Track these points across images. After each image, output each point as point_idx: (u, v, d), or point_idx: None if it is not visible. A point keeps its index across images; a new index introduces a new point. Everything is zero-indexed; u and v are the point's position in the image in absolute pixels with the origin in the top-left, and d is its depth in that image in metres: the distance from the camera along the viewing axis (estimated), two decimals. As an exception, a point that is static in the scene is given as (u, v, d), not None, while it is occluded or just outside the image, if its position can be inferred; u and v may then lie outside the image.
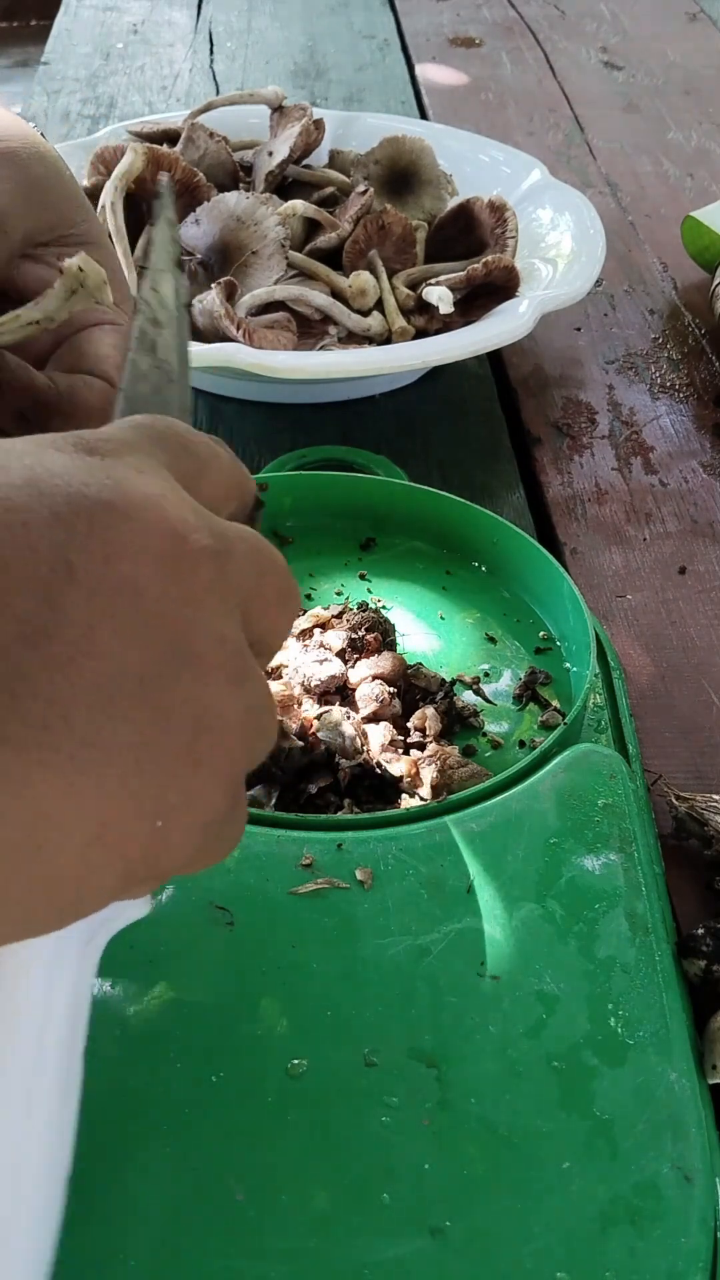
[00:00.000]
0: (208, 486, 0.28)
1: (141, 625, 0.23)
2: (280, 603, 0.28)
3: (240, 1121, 0.35)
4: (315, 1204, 0.34)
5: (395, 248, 0.76)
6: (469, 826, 0.43)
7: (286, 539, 0.61)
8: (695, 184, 1.09)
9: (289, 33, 1.39)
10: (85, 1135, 0.35)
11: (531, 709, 0.52)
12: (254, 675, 0.26)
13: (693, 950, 0.42)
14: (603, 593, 0.63)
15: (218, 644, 0.25)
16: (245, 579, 0.26)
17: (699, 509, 0.70)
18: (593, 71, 1.32)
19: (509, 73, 1.31)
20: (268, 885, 0.41)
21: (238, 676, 0.25)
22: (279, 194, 0.79)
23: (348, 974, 0.39)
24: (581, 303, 0.76)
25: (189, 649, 0.24)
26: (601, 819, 0.44)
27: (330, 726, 0.46)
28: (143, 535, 0.24)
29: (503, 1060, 0.37)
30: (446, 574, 0.59)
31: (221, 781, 0.25)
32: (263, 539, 0.28)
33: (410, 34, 1.40)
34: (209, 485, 0.28)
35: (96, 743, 0.22)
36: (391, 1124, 0.35)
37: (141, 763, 0.23)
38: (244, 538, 0.27)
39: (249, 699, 0.26)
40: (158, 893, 0.41)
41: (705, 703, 0.57)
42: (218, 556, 0.25)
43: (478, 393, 0.79)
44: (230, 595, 0.26)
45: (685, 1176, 0.35)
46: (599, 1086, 0.37)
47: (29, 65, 1.94)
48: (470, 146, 0.90)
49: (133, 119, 0.91)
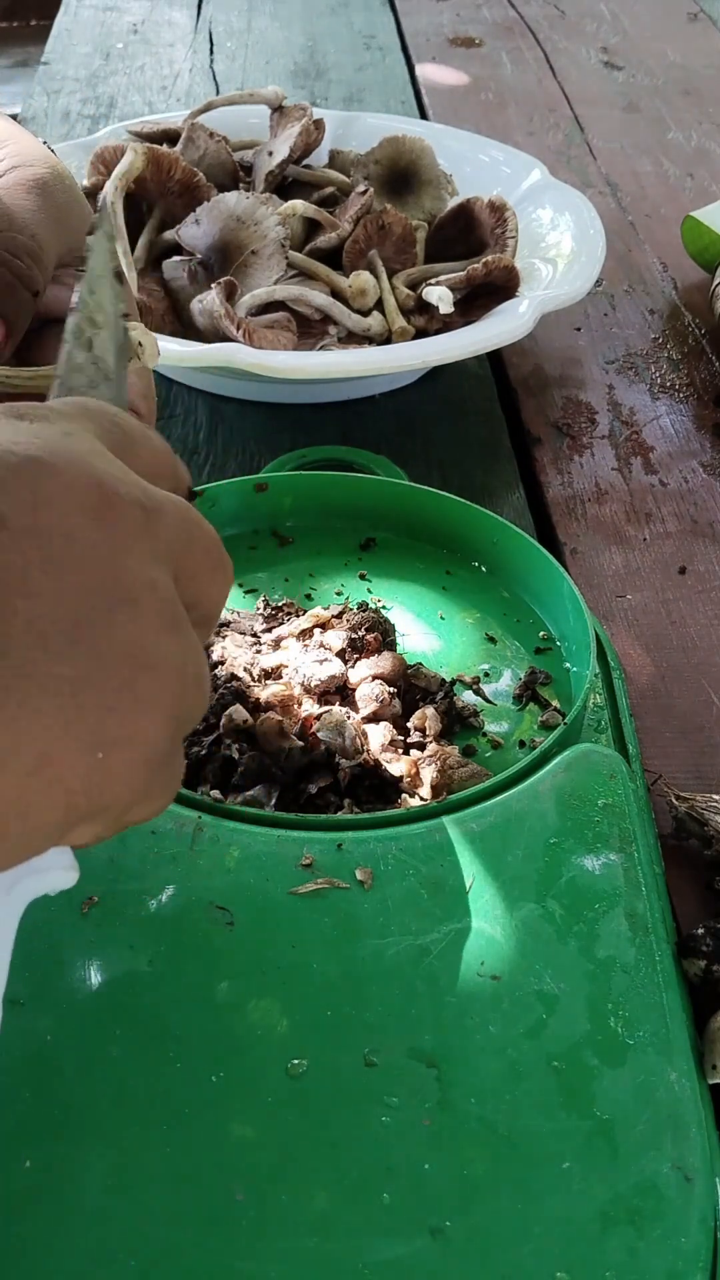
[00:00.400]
0: (138, 462, 0.28)
1: (73, 567, 0.24)
2: (212, 569, 0.29)
3: (240, 1121, 0.35)
4: (315, 1204, 0.34)
5: (395, 248, 0.76)
6: (469, 826, 0.43)
7: (286, 539, 0.61)
8: (695, 184, 1.09)
9: (289, 33, 1.39)
10: (86, 1135, 0.35)
11: (531, 709, 0.52)
12: (188, 628, 0.27)
13: (693, 950, 0.42)
14: (603, 593, 0.63)
15: (149, 588, 0.26)
16: (175, 539, 0.27)
17: (699, 509, 0.70)
18: (593, 71, 1.32)
19: (509, 73, 1.31)
20: (268, 885, 0.41)
21: (172, 622, 0.26)
22: (279, 194, 0.79)
23: (348, 974, 0.39)
24: (581, 303, 0.76)
25: (122, 591, 0.25)
26: (601, 819, 0.44)
27: (330, 726, 0.46)
28: (69, 488, 0.25)
29: (503, 1060, 0.37)
30: (446, 574, 0.59)
31: (161, 718, 0.26)
32: (194, 510, 0.29)
33: (410, 34, 1.40)
34: (140, 461, 0.29)
35: (33, 675, 0.23)
36: (391, 1124, 0.35)
37: (79, 696, 0.24)
38: (175, 502, 0.28)
39: (184, 647, 0.27)
40: (156, 894, 0.41)
41: (705, 703, 0.57)
42: (146, 510, 0.26)
43: (478, 393, 0.79)
44: (160, 549, 0.27)
45: (685, 1176, 0.35)
46: (599, 1086, 0.37)
47: (29, 65, 1.93)
48: (470, 146, 0.90)
49: (133, 119, 0.91)
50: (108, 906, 0.40)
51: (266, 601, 0.55)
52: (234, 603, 0.57)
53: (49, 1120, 0.35)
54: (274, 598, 0.56)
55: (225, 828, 0.43)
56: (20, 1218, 0.33)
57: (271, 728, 0.46)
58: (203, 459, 0.71)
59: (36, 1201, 0.33)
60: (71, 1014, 0.37)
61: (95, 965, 0.39)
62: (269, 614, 0.55)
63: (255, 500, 0.60)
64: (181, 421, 0.74)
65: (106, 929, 0.40)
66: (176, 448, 0.71)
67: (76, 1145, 0.35)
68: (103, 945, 0.39)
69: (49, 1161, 0.34)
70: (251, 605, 0.56)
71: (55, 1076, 0.36)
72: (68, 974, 0.38)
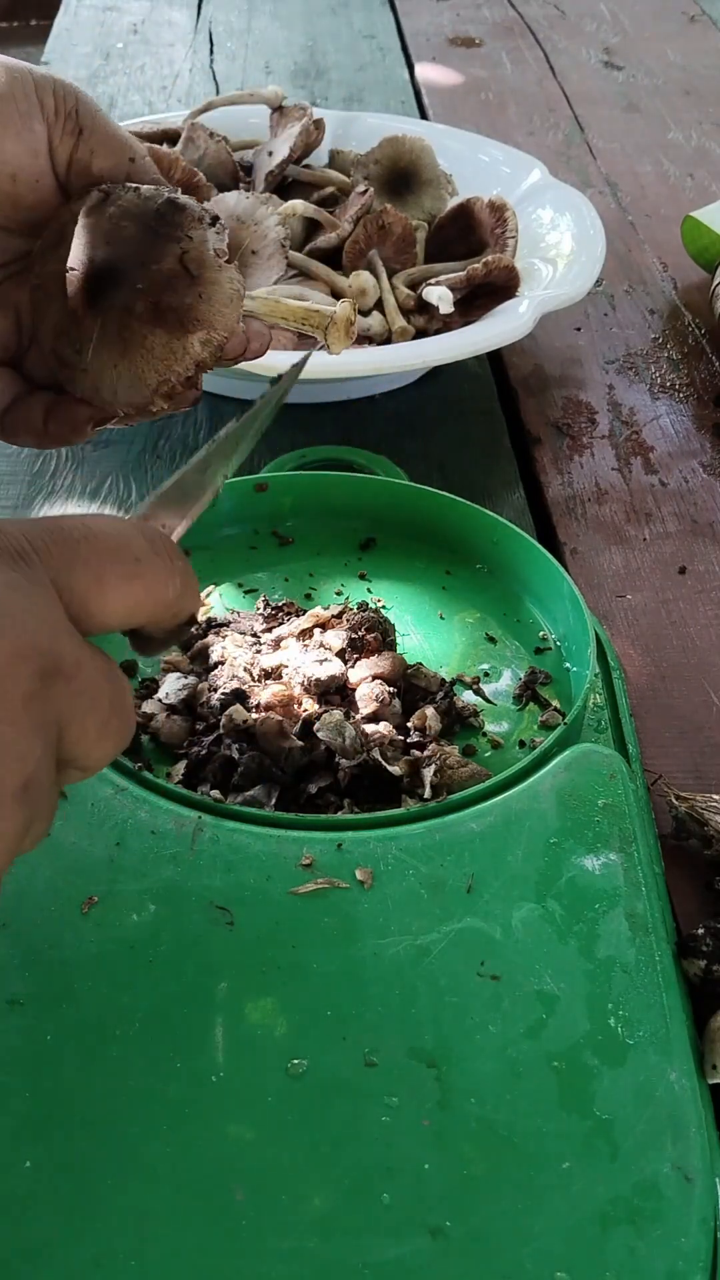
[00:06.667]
0: (127, 591, 0.30)
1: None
2: (99, 737, 0.30)
3: (240, 1121, 0.35)
4: (315, 1204, 0.34)
5: (395, 248, 0.76)
6: (469, 826, 0.43)
7: (286, 539, 0.61)
8: (695, 184, 1.09)
9: (289, 33, 1.39)
10: (86, 1136, 0.35)
11: (531, 709, 0.52)
12: (38, 802, 0.28)
13: (693, 950, 0.42)
14: (603, 593, 0.63)
15: (16, 760, 0.27)
16: (73, 705, 0.28)
17: (699, 509, 0.70)
18: (593, 71, 1.32)
19: (509, 73, 1.31)
20: (268, 885, 0.41)
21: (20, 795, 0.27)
22: (279, 194, 0.78)
23: (348, 974, 0.39)
24: (581, 303, 0.76)
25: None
26: (601, 819, 0.44)
27: (330, 726, 0.46)
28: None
29: (503, 1060, 0.37)
30: (446, 574, 0.59)
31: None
32: (112, 672, 0.30)
33: (410, 34, 1.40)
34: (131, 590, 0.30)
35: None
36: (391, 1124, 0.35)
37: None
38: (94, 667, 0.29)
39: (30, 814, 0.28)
40: (156, 894, 0.41)
41: (705, 703, 0.57)
42: (46, 676, 0.27)
43: (478, 393, 0.79)
44: (48, 713, 0.28)
45: (685, 1176, 0.35)
46: (599, 1086, 0.37)
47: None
48: (470, 146, 0.90)
49: (133, 119, 0.91)
50: (108, 906, 0.40)
51: (266, 601, 0.55)
52: (234, 603, 0.57)
53: (49, 1120, 0.35)
54: (274, 598, 0.56)
55: (225, 828, 0.43)
56: (20, 1218, 0.33)
57: (271, 728, 0.46)
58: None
59: (36, 1201, 0.33)
60: (71, 1014, 0.37)
61: (95, 965, 0.39)
62: (269, 614, 0.55)
63: (255, 500, 0.60)
64: (181, 421, 0.74)
65: (106, 929, 0.40)
66: (176, 448, 0.72)
67: (76, 1146, 0.35)
68: (103, 945, 0.39)
69: (49, 1161, 0.34)
70: (251, 605, 0.56)
71: (55, 1076, 0.36)
72: (68, 974, 0.38)
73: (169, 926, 0.40)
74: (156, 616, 0.31)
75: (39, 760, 0.27)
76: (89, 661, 0.29)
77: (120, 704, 0.30)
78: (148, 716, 0.49)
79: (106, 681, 0.29)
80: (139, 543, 0.30)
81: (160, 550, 0.31)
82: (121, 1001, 0.38)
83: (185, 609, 0.32)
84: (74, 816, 0.43)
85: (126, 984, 0.38)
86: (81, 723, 0.29)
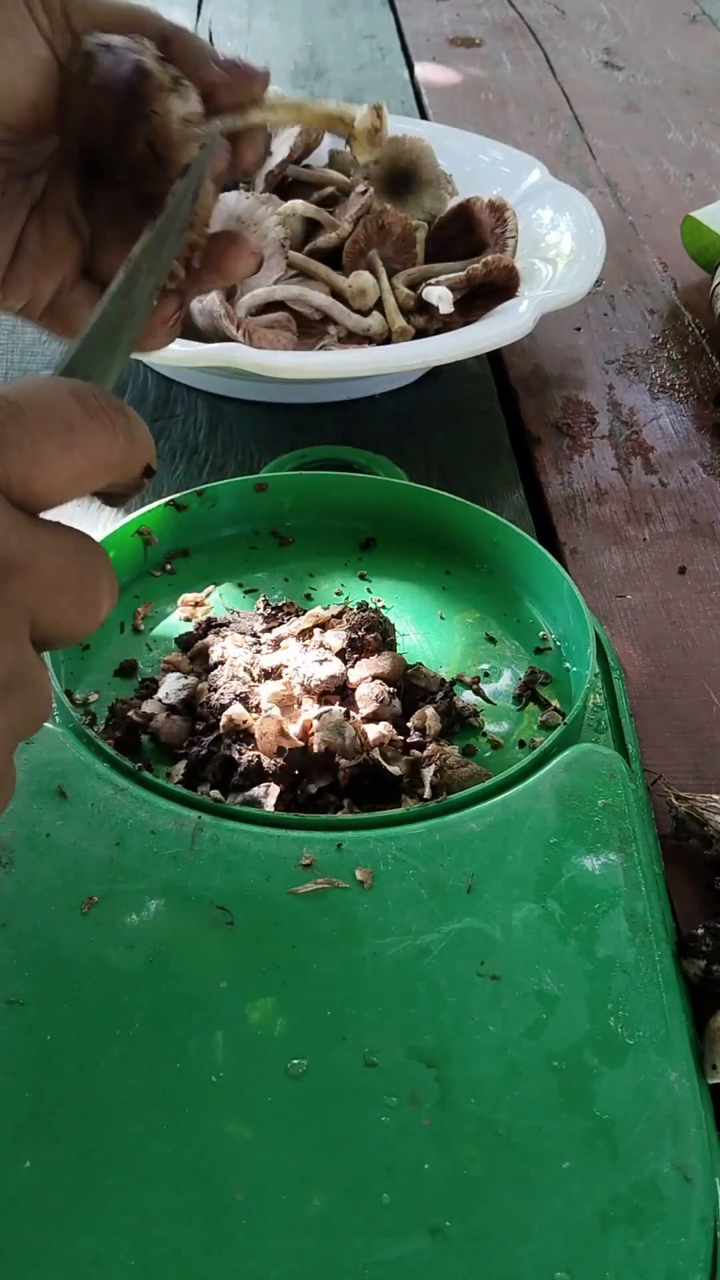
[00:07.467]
0: (68, 460, 0.28)
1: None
2: (78, 614, 0.29)
3: (240, 1121, 0.35)
4: (315, 1204, 0.34)
5: (395, 248, 0.76)
6: (469, 826, 0.43)
7: (286, 539, 0.61)
8: (695, 184, 1.09)
9: (289, 33, 1.39)
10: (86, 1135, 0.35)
11: (531, 709, 0.52)
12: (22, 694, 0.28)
13: (693, 950, 0.42)
14: (603, 593, 0.63)
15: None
16: (39, 591, 0.28)
17: (699, 509, 0.70)
18: (593, 71, 1.32)
19: (509, 73, 1.31)
20: (268, 885, 0.41)
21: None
22: (279, 194, 0.78)
23: (348, 974, 0.39)
24: (581, 303, 0.76)
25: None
26: (601, 819, 0.44)
27: (330, 726, 0.46)
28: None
29: (503, 1060, 0.37)
30: (446, 574, 0.59)
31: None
32: (76, 544, 0.29)
33: (410, 34, 1.40)
34: (73, 457, 0.28)
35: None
36: (391, 1124, 0.35)
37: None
38: (51, 549, 0.28)
39: (14, 709, 0.28)
40: (156, 894, 0.41)
41: (705, 703, 0.57)
42: (8, 570, 0.27)
43: (478, 393, 0.79)
44: (14, 607, 0.27)
45: (685, 1176, 0.35)
46: (599, 1086, 0.37)
47: (29, 65, 1.93)
48: (470, 146, 0.90)
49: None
50: (108, 906, 0.40)
51: (266, 601, 0.55)
52: (234, 603, 0.57)
53: (49, 1120, 0.35)
54: (274, 598, 0.56)
55: (225, 828, 0.43)
56: (20, 1218, 0.33)
57: (271, 728, 0.46)
58: (203, 459, 0.71)
59: (36, 1201, 0.33)
60: (71, 1014, 0.37)
61: (95, 965, 0.39)
62: (269, 614, 0.55)
63: (255, 500, 0.60)
64: (181, 421, 0.74)
65: (106, 929, 0.40)
66: (176, 448, 0.72)
67: (77, 1146, 0.35)
68: (103, 945, 0.39)
69: (49, 1161, 0.34)
70: (251, 605, 0.56)
71: (55, 1076, 0.36)
72: (68, 974, 0.38)
73: (169, 926, 0.40)
74: (107, 479, 0.30)
75: (10, 661, 0.27)
76: (44, 546, 0.28)
77: (90, 576, 0.29)
78: (147, 716, 0.49)
79: (69, 559, 0.28)
80: (69, 407, 0.28)
81: (95, 409, 0.28)
82: (121, 1001, 0.38)
83: (136, 463, 0.30)
84: (74, 816, 0.43)
85: (126, 984, 0.38)
86: (52, 607, 0.28)
